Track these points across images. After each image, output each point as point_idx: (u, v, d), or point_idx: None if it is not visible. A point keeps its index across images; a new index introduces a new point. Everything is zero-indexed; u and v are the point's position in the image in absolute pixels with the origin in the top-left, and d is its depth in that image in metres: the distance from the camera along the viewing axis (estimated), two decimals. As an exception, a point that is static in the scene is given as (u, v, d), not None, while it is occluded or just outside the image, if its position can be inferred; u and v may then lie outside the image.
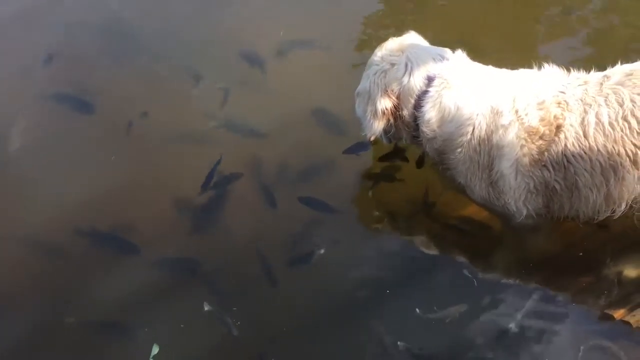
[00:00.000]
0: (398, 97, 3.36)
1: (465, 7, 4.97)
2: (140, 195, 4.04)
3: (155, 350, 3.35)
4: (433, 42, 3.52)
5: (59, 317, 3.55)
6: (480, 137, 3.17)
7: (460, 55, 3.38)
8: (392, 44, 3.45)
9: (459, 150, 3.24)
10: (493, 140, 3.13)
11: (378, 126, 3.42)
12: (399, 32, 3.59)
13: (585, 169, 3.04)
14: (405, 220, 3.84)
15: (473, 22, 4.82)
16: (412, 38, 3.50)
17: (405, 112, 3.38)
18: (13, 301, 3.65)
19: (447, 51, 3.39)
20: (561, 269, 3.46)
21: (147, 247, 3.77)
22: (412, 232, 3.78)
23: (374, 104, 3.39)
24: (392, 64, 3.37)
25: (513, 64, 3.36)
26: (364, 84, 3.47)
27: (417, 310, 3.38)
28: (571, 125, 3.02)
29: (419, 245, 3.70)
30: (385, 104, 3.37)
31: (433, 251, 3.67)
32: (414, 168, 3.82)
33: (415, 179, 3.85)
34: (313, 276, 3.62)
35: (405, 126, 3.44)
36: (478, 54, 3.48)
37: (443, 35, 3.95)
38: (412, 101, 3.33)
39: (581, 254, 3.48)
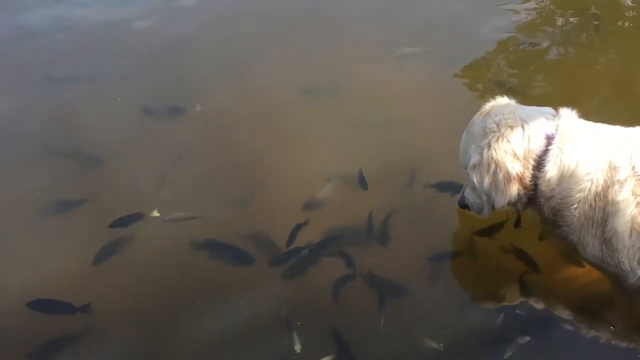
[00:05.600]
0: (524, 159, 3.32)
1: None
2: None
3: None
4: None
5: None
6: (596, 192, 3.16)
7: (569, 112, 3.36)
8: (497, 109, 3.41)
9: (575, 206, 3.22)
10: (609, 196, 3.12)
11: (513, 190, 3.34)
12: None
13: None
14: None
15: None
16: (509, 101, 3.51)
17: (527, 174, 3.33)
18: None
19: (552, 110, 3.39)
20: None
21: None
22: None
23: (506, 169, 3.29)
24: (511, 127, 3.31)
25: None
26: (482, 155, 3.33)
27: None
28: (689, 186, 3.00)
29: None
30: (517, 167, 3.31)
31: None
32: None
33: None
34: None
35: (524, 188, 3.37)
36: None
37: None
38: (532, 162, 3.29)
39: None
